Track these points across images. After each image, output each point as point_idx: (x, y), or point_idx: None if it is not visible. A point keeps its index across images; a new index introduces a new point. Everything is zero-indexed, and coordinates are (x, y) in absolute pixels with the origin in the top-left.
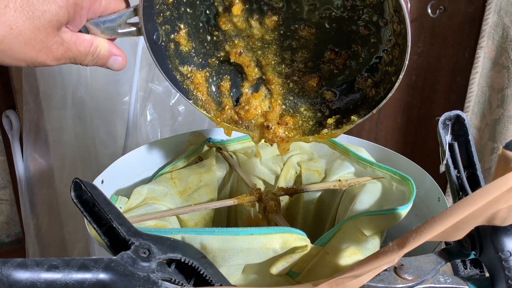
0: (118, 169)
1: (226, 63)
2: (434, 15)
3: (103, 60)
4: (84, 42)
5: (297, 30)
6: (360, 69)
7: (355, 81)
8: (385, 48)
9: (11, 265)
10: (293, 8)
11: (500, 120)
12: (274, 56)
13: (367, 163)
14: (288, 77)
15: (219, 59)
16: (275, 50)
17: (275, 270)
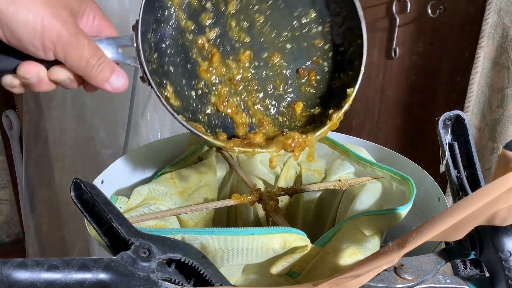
0: (118, 169)
1: (215, 117)
2: (434, 15)
3: (106, 73)
4: (91, 44)
5: (268, 58)
6: (330, 75)
7: (333, 85)
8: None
9: (11, 265)
10: (259, 39)
11: (500, 120)
12: (257, 92)
13: (367, 163)
14: (275, 109)
15: (207, 115)
16: (256, 84)
17: (275, 270)
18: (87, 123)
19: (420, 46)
